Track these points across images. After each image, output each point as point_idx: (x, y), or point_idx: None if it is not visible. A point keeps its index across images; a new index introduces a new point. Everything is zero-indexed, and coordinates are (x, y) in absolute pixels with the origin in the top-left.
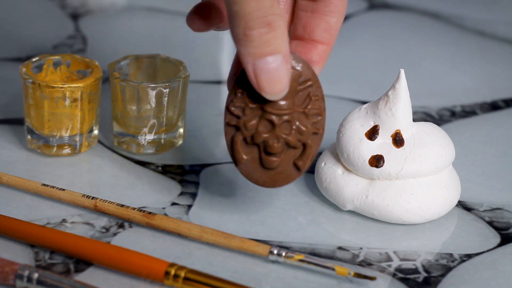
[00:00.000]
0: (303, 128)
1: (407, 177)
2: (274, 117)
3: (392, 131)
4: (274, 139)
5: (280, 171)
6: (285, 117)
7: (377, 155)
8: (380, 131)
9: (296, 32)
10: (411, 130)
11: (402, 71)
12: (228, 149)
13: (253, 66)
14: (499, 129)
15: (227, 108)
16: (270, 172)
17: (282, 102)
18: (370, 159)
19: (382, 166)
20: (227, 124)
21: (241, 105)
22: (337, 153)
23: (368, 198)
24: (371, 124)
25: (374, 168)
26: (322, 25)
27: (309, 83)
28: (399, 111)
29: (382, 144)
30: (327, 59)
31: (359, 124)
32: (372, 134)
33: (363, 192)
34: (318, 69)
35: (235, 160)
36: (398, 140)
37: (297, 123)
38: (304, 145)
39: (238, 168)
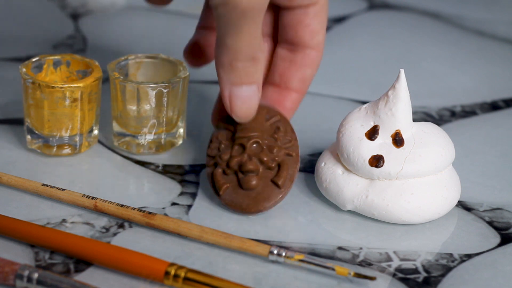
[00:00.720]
0: (274, 149)
1: (407, 177)
2: (244, 140)
3: (392, 131)
4: (247, 158)
5: (260, 191)
6: (255, 139)
7: (377, 155)
8: (380, 131)
9: (273, 79)
10: (411, 130)
11: (402, 71)
12: (210, 185)
13: (230, 92)
14: (499, 129)
15: (206, 154)
16: (251, 194)
17: (251, 129)
18: (370, 159)
19: (382, 166)
20: (207, 167)
21: (216, 145)
22: (337, 153)
23: (368, 198)
24: (371, 124)
25: (374, 168)
26: (298, 75)
27: (277, 117)
28: (399, 111)
29: (382, 144)
30: (319, 62)
31: (359, 124)
32: (372, 134)
33: (363, 192)
34: (290, 114)
35: (217, 191)
36: (398, 140)
37: (266, 142)
38: (279, 165)
39: (220, 199)
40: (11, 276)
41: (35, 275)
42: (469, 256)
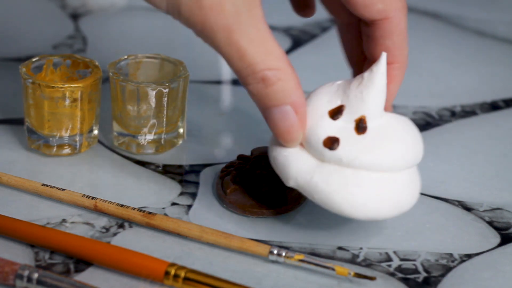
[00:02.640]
0: None
1: (360, 168)
2: (261, 158)
3: (357, 116)
4: (262, 168)
5: (267, 198)
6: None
7: (333, 136)
8: (344, 112)
9: (367, 55)
10: (379, 119)
11: (384, 55)
12: (217, 191)
13: (264, 116)
14: (499, 129)
15: (220, 171)
16: (256, 197)
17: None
18: (325, 139)
19: (335, 149)
20: (218, 178)
21: (232, 164)
22: None
23: (313, 180)
24: (338, 103)
25: (327, 150)
26: (379, 48)
27: None
28: (369, 96)
29: (343, 127)
30: (401, 76)
31: (326, 99)
32: (336, 113)
33: (308, 172)
34: (394, 87)
35: (224, 191)
36: (360, 127)
37: None
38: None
39: (225, 199)
40: (11, 276)
41: (35, 275)
42: (469, 256)
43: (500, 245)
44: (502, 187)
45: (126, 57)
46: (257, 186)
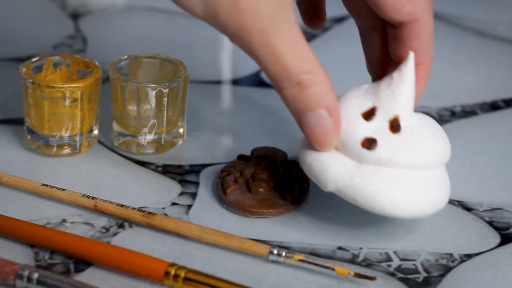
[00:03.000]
0: (290, 173)
1: (398, 166)
2: (261, 159)
3: (391, 115)
4: (262, 169)
5: (267, 197)
6: (271, 160)
7: (370, 137)
8: (377, 113)
9: (393, 57)
10: (410, 118)
11: (412, 54)
12: (217, 191)
13: (298, 121)
14: (499, 129)
15: (220, 171)
16: (257, 197)
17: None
18: (363, 140)
19: (374, 149)
20: (218, 178)
21: (232, 164)
22: None
23: (354, 181)
24: (369, 105)
25: (366, 151)
26: (406, 50)
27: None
28: (402, 95)
29: (378, 127)
30: (426, 78)
31: (356, 103)
32: (369, 115)
33: (349, 174)
34: (419, 89)
35: (224, 191)
36: (395, 126)
37: (282, 167)
38: (291, 182)
39: (225, 199)
40: (11, 276)
41: (35, 275)
42: (469, 256)
43: (500, 245)
44: (502, 187)
45: (126, 57)
46: (258, 186)
